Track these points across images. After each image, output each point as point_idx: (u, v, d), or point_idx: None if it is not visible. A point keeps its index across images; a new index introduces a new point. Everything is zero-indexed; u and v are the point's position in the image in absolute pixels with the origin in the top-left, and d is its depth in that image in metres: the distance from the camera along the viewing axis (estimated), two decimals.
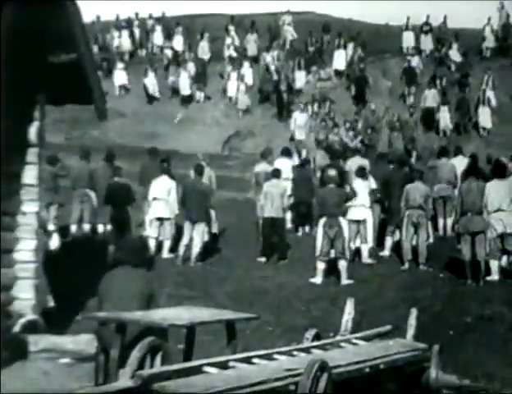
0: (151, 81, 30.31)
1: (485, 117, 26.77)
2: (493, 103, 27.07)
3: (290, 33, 33.18)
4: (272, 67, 29.97)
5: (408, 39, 32.33)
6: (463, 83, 28.59)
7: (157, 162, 16.10)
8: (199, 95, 30.40)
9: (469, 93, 27.85)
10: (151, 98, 30.34)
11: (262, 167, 17.08)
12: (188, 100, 30.20)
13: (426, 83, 28.45)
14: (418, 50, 31.89)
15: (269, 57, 30.72)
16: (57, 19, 9.46)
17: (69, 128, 27.38)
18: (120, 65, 31.21)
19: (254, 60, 31.55)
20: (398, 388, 8.25)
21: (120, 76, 30.97)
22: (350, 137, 24.98)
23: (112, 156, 17.11)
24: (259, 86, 29.96)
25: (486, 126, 26.76)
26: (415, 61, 30.07)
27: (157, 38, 33.83)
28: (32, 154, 10.22)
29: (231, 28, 33.08)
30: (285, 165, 17.51)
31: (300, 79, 29.86)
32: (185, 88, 30.15)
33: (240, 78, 29.72)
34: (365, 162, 17.40)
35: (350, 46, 30.87)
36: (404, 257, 14.74)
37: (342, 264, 13.74)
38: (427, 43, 32.17)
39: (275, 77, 29.44)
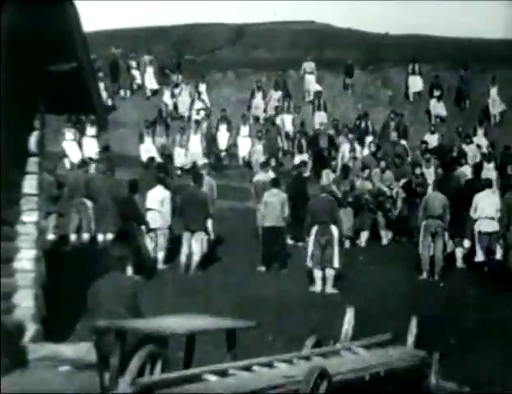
0: (147, 148, 23.37)
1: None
2: None
3: (312, 84, 27.34)
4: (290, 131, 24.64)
5: (414, 85, 27.79)
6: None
7: (153, 172, 16.04)
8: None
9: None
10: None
11: (261, 177, 17.09)
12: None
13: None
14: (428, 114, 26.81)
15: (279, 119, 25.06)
16: (57, 28, 9.53)
17: None
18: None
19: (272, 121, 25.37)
20: None
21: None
22: (389, 179, 18.32)
23: (112, 165, 17.10)
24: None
25: None
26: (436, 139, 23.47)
27: (150, 81, 28.00)
28: (32, 164, 10.25)
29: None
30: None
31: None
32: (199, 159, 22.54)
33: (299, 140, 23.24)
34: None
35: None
36: (423, 266, 14.73)
37: (329, 273, 13.85)
38: (440, 109, 26.74)
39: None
